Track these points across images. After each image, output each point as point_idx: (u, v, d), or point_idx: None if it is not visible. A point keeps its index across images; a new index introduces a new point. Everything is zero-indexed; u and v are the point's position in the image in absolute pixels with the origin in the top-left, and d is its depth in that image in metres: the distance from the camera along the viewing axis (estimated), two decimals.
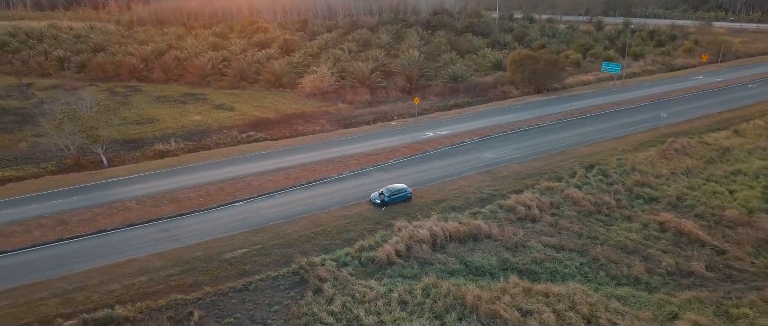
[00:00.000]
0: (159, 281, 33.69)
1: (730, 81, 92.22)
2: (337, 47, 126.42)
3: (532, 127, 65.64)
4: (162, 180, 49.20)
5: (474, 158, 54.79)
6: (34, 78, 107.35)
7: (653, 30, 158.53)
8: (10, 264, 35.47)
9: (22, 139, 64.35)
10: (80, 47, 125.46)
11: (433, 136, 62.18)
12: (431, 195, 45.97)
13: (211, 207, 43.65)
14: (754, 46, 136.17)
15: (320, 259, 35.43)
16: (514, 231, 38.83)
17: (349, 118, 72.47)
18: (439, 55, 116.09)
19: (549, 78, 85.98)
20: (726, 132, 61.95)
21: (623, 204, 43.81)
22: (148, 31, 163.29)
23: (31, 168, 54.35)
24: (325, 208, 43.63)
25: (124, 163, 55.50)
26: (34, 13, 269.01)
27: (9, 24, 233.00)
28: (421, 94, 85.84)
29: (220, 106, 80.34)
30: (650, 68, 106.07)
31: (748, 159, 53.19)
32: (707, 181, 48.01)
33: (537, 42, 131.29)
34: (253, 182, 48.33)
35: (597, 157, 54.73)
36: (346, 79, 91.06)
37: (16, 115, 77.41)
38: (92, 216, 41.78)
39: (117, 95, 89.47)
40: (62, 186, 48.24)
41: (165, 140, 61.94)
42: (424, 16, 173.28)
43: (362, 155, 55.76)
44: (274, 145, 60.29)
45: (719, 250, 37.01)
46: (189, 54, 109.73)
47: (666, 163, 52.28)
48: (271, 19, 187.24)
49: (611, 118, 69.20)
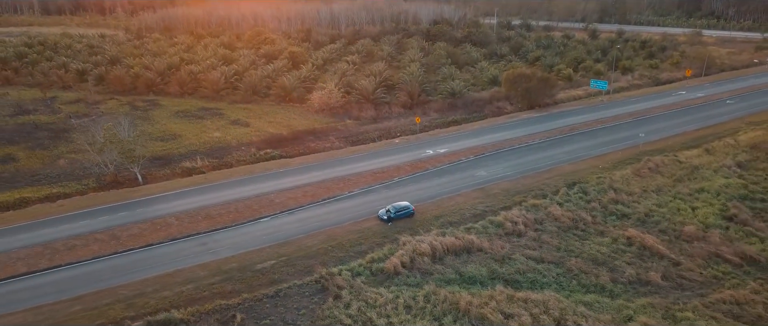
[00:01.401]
0: (203, 288, 40.33)
1: (710, 97, 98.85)
2: (341, 59, 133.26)
3: (522, 144, 72.28)
4: (195, 197, 55.87)
5: (469, 176, 61.44)
6: (55, 90, 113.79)
7: (645, 40, 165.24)
8: (77, 274, 42.13)
9: (60, 156, 70.83)
10: (96, 59, 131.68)
11: (433, 154, 68.82)
12: (431, 212, 52.62)
13: (241, 222, 50.33)
14: (739, 58, 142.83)
15: (337, 269, 42.04)
16: (502, 245, 45.49)
17: (356, 135, 79.12)
18: (438, 68, 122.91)
19: (541, 94, 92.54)
20: (698, 150, 68.56)
21: (598, 220, 50.48)
22: (158, 40, 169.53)
23: (74, 184, 60.96)
24: (339, 223, 50.28)
25: (157, 180, 62.15)
26: (43, 19, 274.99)
27: (19, 30, 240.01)
28: (422, 110, 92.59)
29: (235, 121, 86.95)
30: (638, 82, 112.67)
31: (713, 177, 59.81)
32: (674, 199, 54.68)
33: (532, 54, 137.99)
34: (275, 199, 55.00)
35: (579, 174, 61.37)
36: (351, 94, 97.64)
37: (48, 130, 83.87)
38: (139, 231, 48.46)
39: (138, 109, 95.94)
40: (107, 203, 54.86)
41: (190, 157, 68.54)
42: (425, 25, 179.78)
43: (370, 173, 62.40)
44: (291, 162, 66.94)
45: (675, 262, 43.68)
46: (202, 68, 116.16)
47: (639, 181, 58.94)
48: (275, 27, 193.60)
49: (595, 136, 75.84)
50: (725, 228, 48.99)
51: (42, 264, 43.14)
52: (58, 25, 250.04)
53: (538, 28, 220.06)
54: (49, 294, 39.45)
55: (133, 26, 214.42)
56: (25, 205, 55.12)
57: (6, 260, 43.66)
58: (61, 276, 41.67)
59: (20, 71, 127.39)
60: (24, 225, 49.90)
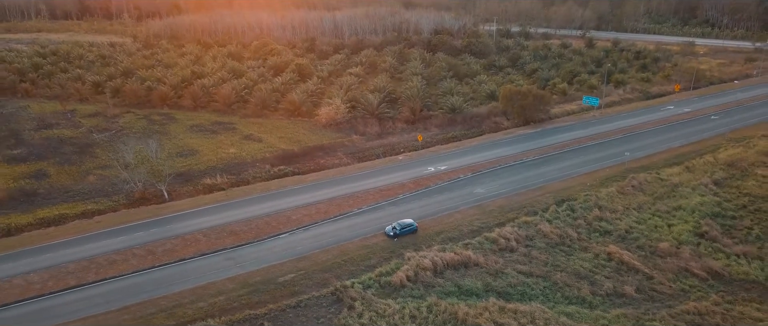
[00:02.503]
0: (233, 300, 46.00)
1: (696, 112, 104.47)
2: (345, 71, 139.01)
3: (517, 162, 77.94)
4: (219, 214, 61.58)
5: (467, 193, 67.10)
6: (73, 103, 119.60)
7: (639, 50, 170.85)
8: (121, 286, 47.82)
9: (89, 172, 76.56)
10: (110, 71, 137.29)
11: (434, 171, 74.50)
12: (433, 228, 58.31)
13: (263, 238, 56.03)
14: (728, 70, 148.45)
15: (350, 282, 47.69)
16: (495, 260, 51.17)
17: (362, 151, 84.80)
18: (439, 81, 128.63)
19: (536, 110, 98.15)
20: (679, 168, 74.18)
21: (583, 236, 56.16)
22: (167, 50, 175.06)
23: (105, 201, 66.67)
24: (350, 239, 55.97)
25: (181, 196, 67.83)
26: (51, 24, 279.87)
27: (28, 36, 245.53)
28: (424, 125, 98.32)
29: (248, 136, 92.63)
30: (629, 96, 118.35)
31: (691, 195, 65.43)
32: (653, 216, 60.37)
33: (529, 66, 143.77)
34: (292, 216, 60.70)
35: (569, 191, 67.03)
36: (356, 109, 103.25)
37: (73, 145, 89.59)
38: (172, 247, 54.16)
39: (154, 123, 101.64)
40: (139, 220, 60.56)
41: (210, 174, 74.21)
42: (426, 36, 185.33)
43: (376, 190, 68.09)
44: (303, 179, 72.66)
45: (648, 276, 49.37)
46: (214, 81, 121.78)
47: (623, 198, 64.62)
48: (280, 35, 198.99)
49: (585, 153, 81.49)
50: (696, 244, 54.68)
51: (90, 277, 48.86)
52: (67, 32, 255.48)
53: (536, 35, 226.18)
54: (99, 304, 45.14)
55: (141, 34, 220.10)
56: (64, 221, 60.84)
57: (57, 274, 49.38)
58: (107, 289, 47.37)
59: (37, 82, 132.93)
60: (68, 241, 55.61)
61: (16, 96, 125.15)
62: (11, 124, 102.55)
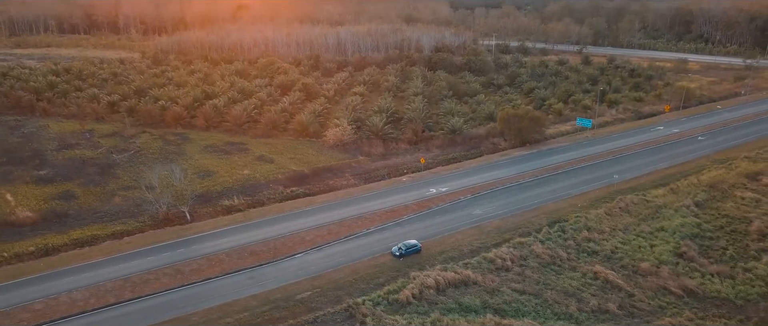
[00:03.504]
0: (257, 316, 51.34)
1: (684, 132, 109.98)
2: (350, 90, 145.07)
3: (513, 184, 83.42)
4: (238, 235, 67.00)
5: (467, 215, 72.56)
6: (90, 122, 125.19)
7: (634, 68, 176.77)
8: (156, 304, 53.18)
9: (114, 194, 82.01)
10: (124, 90, 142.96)
11: (435, 193, 79.97)
12: (435, 248, 63.71)
13: (280, 258, 61.43)
14: (718, 88, 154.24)
15: (361, 300, 53.01)
16: (492, 279, 56.54)
17: (368, 172, 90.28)
18: (440, 100, 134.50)
19: (532, 132, 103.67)
20: (664, 189, 79.61)
21: (572, 257, 61.52)
22: (177, 68, 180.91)
23: (132, 222, 72.09)
24: (359, 259, 61.38)
25: (202, 217, 73.25)
26: (60, 39, 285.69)
27: (39, 51, 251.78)
28: (426, 146, 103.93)
29: (260, 157, 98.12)
30: (621, 116, 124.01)
31: (673, 216, 70.81)
32: (637, 237, 65.74)
33: (527, 85, 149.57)
34: (305, 237, 66.14)
35: (560, 213, 72.43)
36: (362, 130, 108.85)
37: (95, 165, 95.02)
38: (198, 266, 59.55)
39: (170, 144, 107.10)
40: (166, 241, 65.96)
41: (227, 195, 79.68)
42: (427, 53, 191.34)
43: (383, 211, 73.54)
44: (314, 200, 78.09)
45: (630, 294, 54.71)
46: (224, 101, 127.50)
47: (610, 220, 70.04)
48: (285, 52, 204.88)
49: (577, 175, 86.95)
50: (675, 263, 60.03)
51: (126, 295, 54.25)
52: (76, 47, 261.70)
53: (534, 50, 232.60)
54: (138, 320, 50.51)
55: (149, 49, 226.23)
56: (97, 242, 66.23)
57: (97, 292, 54.78)
58: (143, 306, 52.74)
59: (54, 101, 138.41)
60: (103, 261, 61.03)
61: (34, 115, 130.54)
62: (34, 143, 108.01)
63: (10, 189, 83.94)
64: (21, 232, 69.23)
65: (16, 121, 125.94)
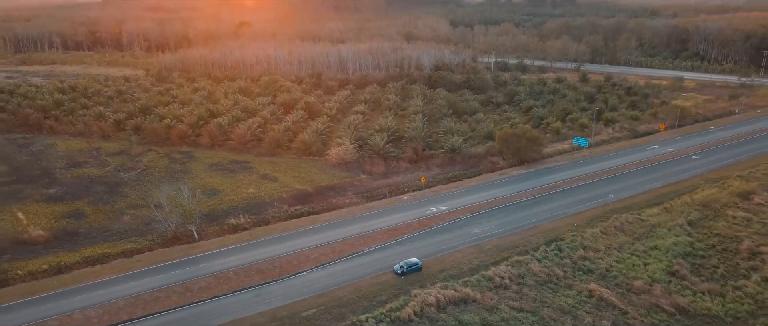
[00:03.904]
0: None
1: (679, 152, 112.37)
2: (351, 108, 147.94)
3: (512, 203, 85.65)
4: (245, 253, 69.13)
5: (466, 233, 74.73)
6: (96, 140, 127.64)
7: (630, 86, 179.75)
8: (167, 321, 55.20)
9: (123, 212, 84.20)
10: (129, 108, 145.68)
11: (435, 212, 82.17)
12: (436, 266, 65.80)
13: (285, 276, 63.51)
14: (713, 107, 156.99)
15: (365, 317, 55.02)
16: (491, 297, 58.56)
17: (370, 191, 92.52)
18: (440, 118, 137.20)
19: (530, 151, 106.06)
20: (658, 208, 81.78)
21: (568, 275, 63.57)
22: (181, 86, 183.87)
23: (141, 240, 74.20)
24: (362, 277, 63.43)
25: (209, 236, 75.38)
26: (64, 56, 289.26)
27: (44, 68, 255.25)
28: (426, 164, 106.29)
29: (265, 175, 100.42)
30: (618, 135, 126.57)
31: (666, 235, 72.91)
32: (631, 256, 67.81)
33: (525, 103, 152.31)
34: (310, 255, 68.26)
35: (557, 232, 74.58)
36: (363, 149, 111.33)
37: (103, 184, 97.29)
38: (206, 284, 61.63)
39: (176, 162, 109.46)
40: (174, 259, 68.04)
41: (233, 214, 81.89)
42: (427, 72, 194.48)
43: (384, 230, 75.70)
44: (318, 219, 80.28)
45: (624, 311, 56.70)
46: (228, 120, 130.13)
47: (605, 238, 72.17)
48: (287, 69, 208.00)
49: (574, 194, 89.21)
50: (668, 282, 62.06)
51: (138, 312, 56.28)
52: (80, 64, 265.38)
53: (533, 68, 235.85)
54: None
55: (153, 67, 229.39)
56: (108, 260, 68.31)
57: (110, 309, 56.80)
58: (155, 323, 54.80)
59: (61, 119, 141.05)
60: (114, 279, 63.09)
61: (42, 133, 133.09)
62: (42, 162, 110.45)
63: (21, 207, 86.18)
64: (34, 250, 71.34)
65: (25, 138, 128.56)
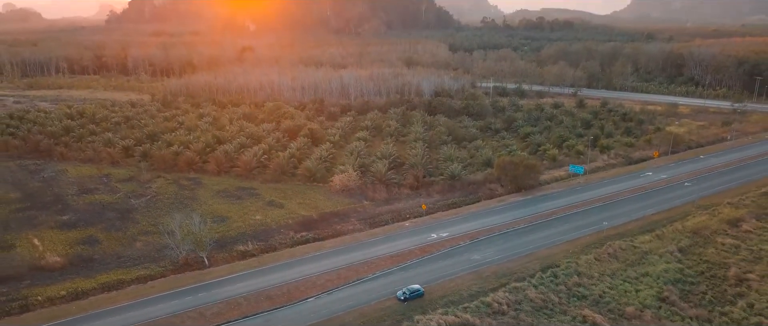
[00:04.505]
0: None
1: (672, 178, 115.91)
2: (353, 135, 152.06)
3: (510, 229, 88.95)
4: (254, 279, 72.27)
5: (466, 260, 77.92)
6: (105, 166, 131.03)
7: (625, 112, 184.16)
8: None
9: (135, 239, 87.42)
10: (137, 135, 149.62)
11: (436, 238, 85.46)
12: (437, 292, 68.89)
13: (294, 302, 66.59)
14: (706, 133, 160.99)
15: None
16: (490, 323, 61.61)
17: (373, 217, 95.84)
18: (440, 145, 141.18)
19: (527, 178, 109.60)
20: (650, 235, 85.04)
21: (563, 301, 66.64)
22: (187, 112, 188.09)
23: (154, 266, 77.32)
24: (367, 303, 66.50)
25: (218, 262, 78.52)
26: (71, 81, 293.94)
27: (52, 93, 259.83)
28: (426, 191, 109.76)
29: (271, 202, 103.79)
30: (613, 162, 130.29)
31: (658, 262, 76.08)
32: (623, 282, 70.95)
33: (523, 130, 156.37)
34: (316, 281, 71.40)
35: (553, 258, 77.77)
36: (366, 175, 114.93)
37: (114, 210, 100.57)
38: (218, 310, 64.68)
39: (184, 189, 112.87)
40: (186, 285, 71.14)
41: (241, 241, 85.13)
42: (427, 98, 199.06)
43: (388, 256, 78.92)
44: (323, 246, 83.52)
45: None
46: (234, 146, 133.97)
47: (599, 265, 75.35)
48: (290, 95, 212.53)
49: (569, 221, 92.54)
50: (658, 307, 65.14)
51: None
52: (86, 88, 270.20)
53: (531, 93, 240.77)
54: None
55: (159, 92, 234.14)
56: (122, 286, 71.41)
57: None
58: None
59: (70, 145, 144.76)
60: (130, 305, 66.19)
61: (52, 159, 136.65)
62: (54, 188, 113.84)
63: (36, 234, 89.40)
64: (51, 277, 74.47)
65: (36, 164, 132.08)
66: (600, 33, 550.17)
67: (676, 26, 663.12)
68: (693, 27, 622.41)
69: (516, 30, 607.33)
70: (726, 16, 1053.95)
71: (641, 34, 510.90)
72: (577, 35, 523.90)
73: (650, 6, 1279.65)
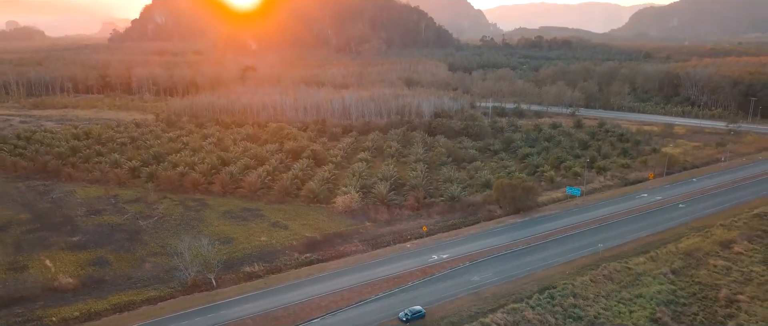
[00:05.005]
0: None
1: (666, 200, 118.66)
2: (355, 156, 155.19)
3: (508, 251, 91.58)
4: (261, 300, 74.81)
5: (466, 281, 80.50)
6: (113, 186, 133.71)
7: (622, 133, 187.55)
8: None
9: (144, 260, 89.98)
10: (143, 156, 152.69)
11: (437, 260, 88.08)
12: (438, 313, 71.40)
13: (299, 323, 69.17)
14: (701, 154, 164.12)
15: None
16: None
17: (375, 238, 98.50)
18: (440, 166, 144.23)
19: (525, 200, 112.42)
20: (644, 257, 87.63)
21: (559, 322, 69.12)
22: (191, 131, 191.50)
23: (163, 288, 79.85)
24: (369, 324, 69.07)
25: (226, 283, 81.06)
26: (76, 100, 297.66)
27: (57, 113, 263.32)
28: (427, 212, 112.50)
29: (275, 223, 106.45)
30: (609, 183, 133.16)
31: (651, 283, 78.63)
32: (618, 303, 73.47)
33: (521, 151, 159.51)
34: (321, 303, 73.94)
35: (550, 280, 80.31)
36: (368, 197, 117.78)
37: (123, 231, 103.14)
38: None
39: (190, 210, 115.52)
40: (196, 306, 73.66)
41: (248, 262, 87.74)
42: (427, 119, 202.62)
43: (390, 278, 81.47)
44: (327, 267, 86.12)
45: None
46: (239, 168, 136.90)
47: (594, 286, 77.88)
48: (293, 116, 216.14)
49: (566, 243, 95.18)
50: None
51: None
52: (92, 108, 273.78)
53: (529, 113, 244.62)
54: None
55: (163, 112, 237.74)
56: (134, 307, 73.93)
57: None
58: None
59: (77, 166, 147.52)
60: None
61: (60, 180, 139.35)
62: (63, 209, 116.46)
63: (48, 255, 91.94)
64: (64, 298, 76.95)
65: (44, 185, 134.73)
66: (598, 52, 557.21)
67: (674, 45, 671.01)
68: (690, 46, 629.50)
69: (515, 48, 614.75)
70: (723, 34, 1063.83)
71: (639, 53, 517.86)
72: (575, 54, 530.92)
73: (648, 24, 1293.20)
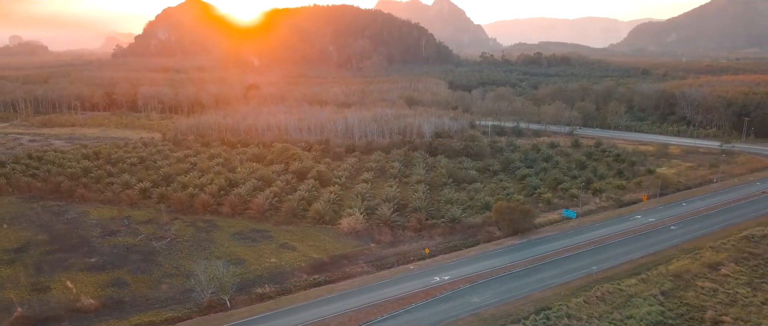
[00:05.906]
0: None
1: (659, 222, 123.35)
2: (359, 176, 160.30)
3: (506, 273, 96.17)
4: (274, 321, 79.39)
5: (466, 302, 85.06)
6: (125, 207, 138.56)
7: (618, 153, 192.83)
8: None
9: (160, 281, 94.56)
10: (153, 177, 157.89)
11: (439, 281, 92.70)
12: None
13: None
14: (694, 174, 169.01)
15: None
16: None
17: (380, 259, 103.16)
18: (441, 187, 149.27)
19: (523, 222, 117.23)
20: (636, 279, 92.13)
21: None
22: (198, 151, 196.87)
23: (180, 308, 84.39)
24: None
25: (239, 304, 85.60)
26: (83, 119, 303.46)
27: (65, 131, 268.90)
28: (428, 233, 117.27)
29: (284, 244, 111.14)
30: (604, 204, 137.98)
31: (642, 305, 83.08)
32: (610, 324, 77.92)
33: (519, 172, 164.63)
34: (330, 323, 78.48)
35: (546, 301, 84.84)
36: (372, 218, 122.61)
37: (137, 253, 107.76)
38: None
39: (201, 231, 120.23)
40: None
41: (259, 283, 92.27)
42: (427, 139, 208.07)
43: (394, 299, 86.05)
44: (335, 288, 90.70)
45: None
46: (247, 189, 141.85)
47: (588, 308, 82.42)
48: (297, 136, 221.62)
49: (561, 264, 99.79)
50: None
51: None
52: (98, 126, 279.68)
53: (528, 131, 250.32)
54: None
55: (169, 131, 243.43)
56: None
57: None
58: None
59: (90, 187, 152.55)
60: None
61: (73, 200, 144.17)
62: (79, 230, 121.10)
63: (68, 276, 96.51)
64: (87, 318, 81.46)
65: (58, 206, 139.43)
66: (596, 68, 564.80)
67: (671, 61, 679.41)
68: (687, 62, 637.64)
69: (514, 65, 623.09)
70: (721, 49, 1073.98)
71: (637, 70, 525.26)
72: (573, 71, 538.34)
73: (646, 40, 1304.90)
